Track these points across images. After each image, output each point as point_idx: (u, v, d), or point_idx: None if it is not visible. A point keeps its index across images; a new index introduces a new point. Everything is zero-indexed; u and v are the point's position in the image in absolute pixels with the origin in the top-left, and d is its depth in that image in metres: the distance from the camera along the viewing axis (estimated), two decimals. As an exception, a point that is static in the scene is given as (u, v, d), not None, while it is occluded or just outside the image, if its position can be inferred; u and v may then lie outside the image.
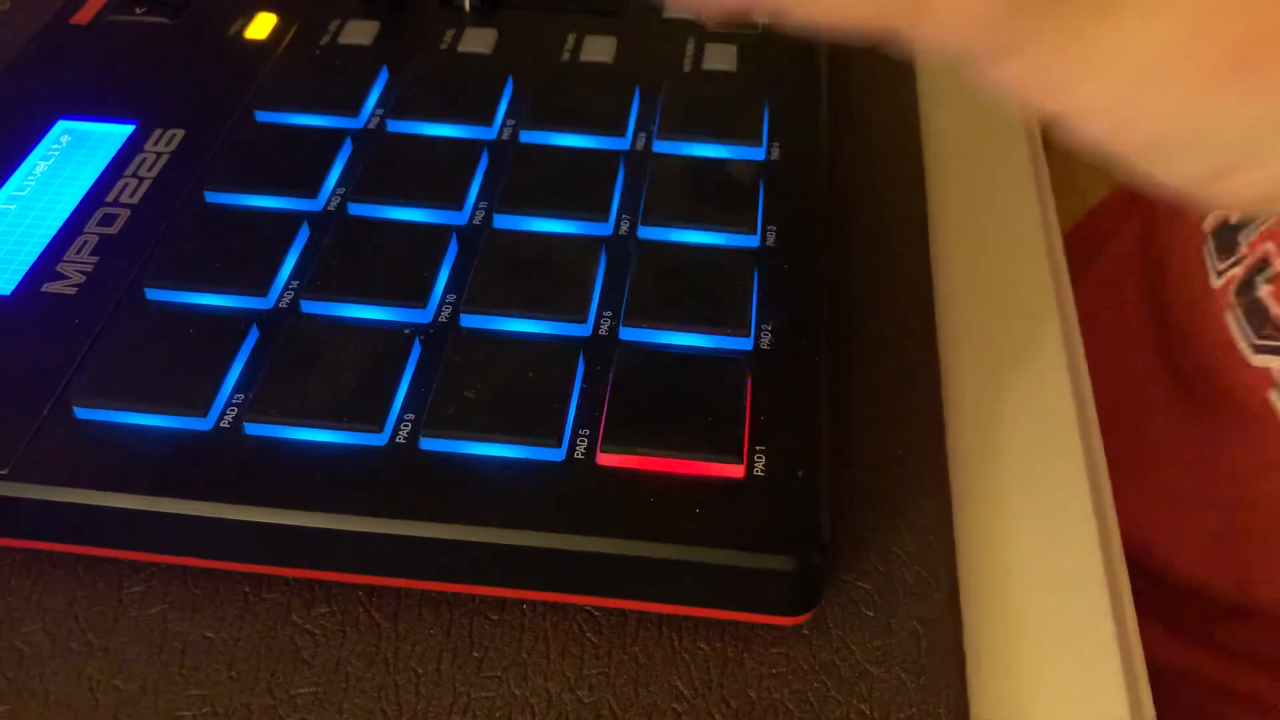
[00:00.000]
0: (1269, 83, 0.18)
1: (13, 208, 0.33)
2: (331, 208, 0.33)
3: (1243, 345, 0.44)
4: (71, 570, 0.28)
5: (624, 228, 0.32)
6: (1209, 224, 0.47)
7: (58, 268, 0.31)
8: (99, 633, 0.27)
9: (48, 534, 0.28)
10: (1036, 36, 0.18)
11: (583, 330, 0.29)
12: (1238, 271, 0.45)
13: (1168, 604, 0.49)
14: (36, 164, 0.34)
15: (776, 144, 0.35)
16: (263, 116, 0.35)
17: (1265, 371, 0.43)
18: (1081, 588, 0.29)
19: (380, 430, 0.27)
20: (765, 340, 0.30)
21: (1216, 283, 0.45)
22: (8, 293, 0.30)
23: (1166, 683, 0.51)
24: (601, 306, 0.30)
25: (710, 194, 0.33)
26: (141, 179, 0.34)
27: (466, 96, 0.36)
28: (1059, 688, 0.28)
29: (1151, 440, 0.49)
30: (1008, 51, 0.19)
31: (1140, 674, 0.29)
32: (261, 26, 0.40)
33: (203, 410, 0.27)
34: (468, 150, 0.34)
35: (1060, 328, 0.36)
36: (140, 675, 0.26)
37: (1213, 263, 0.46)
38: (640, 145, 0.35)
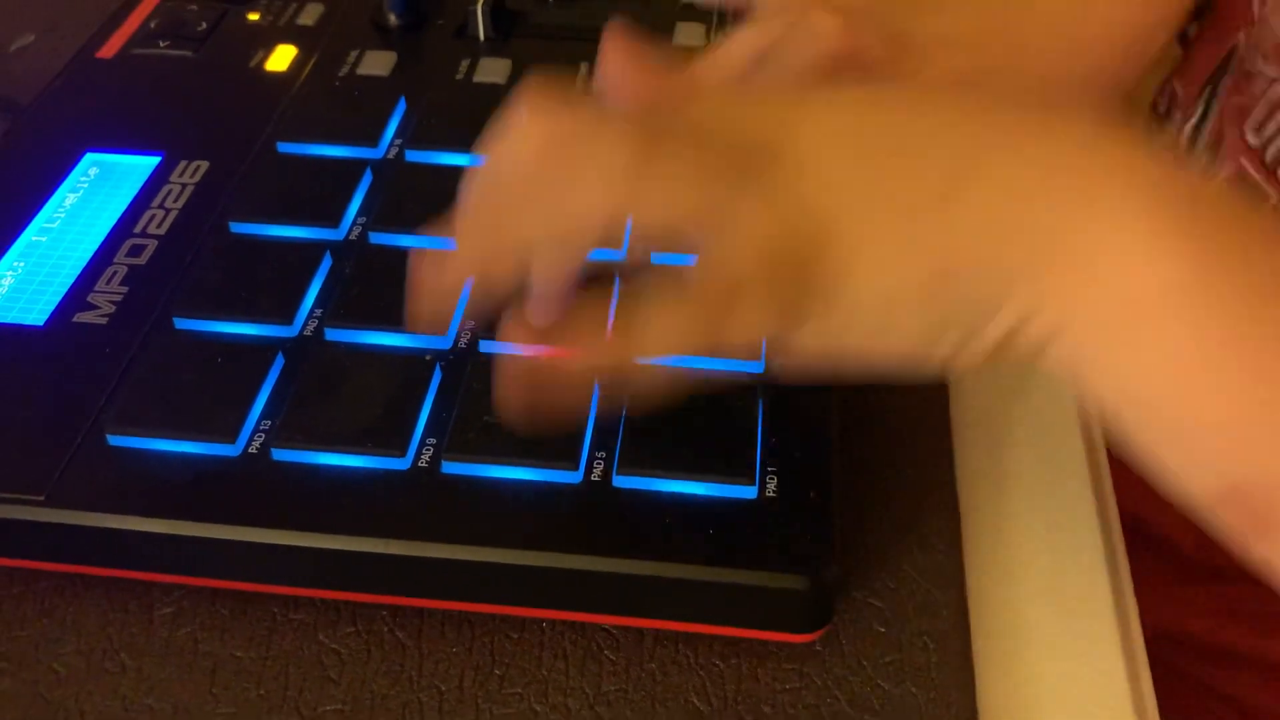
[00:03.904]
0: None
1: (44, 239, 0.34)
2: (353, 237, 0.34)
3: None
4: (105, 593, 0.29)
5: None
6: None
7: (89, 298, 0.32)
8: (132, 653, 0.28)
9: (82, 558, 0.29)
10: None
11: (598, 355, 0.30)
12: None
13: (1172, 573, 0.49)
14: (66, 196, 0.35)
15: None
16: (285, 148, 0.36)
17: None
18: (1088, 602, 0.30)
19: (403, 455, 0.28)
20: (776, 365, 0.30)
21: None
22: (41, 323, 0.31)
23: (1162, 649, 0.51)
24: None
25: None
26: (168, 210, 0.35)
27: (482, 126, 0.36)
28: (1066, 699, 0.28)
29: None
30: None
31: (1147, 687, 0.29)
32: (281, 58, 0.41)
33: (231, 437, 0.28)
34: (484, 179, 0.35)
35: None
36: (172, 694, 0.27)
37: None
38: (652, 172, 0.36)
